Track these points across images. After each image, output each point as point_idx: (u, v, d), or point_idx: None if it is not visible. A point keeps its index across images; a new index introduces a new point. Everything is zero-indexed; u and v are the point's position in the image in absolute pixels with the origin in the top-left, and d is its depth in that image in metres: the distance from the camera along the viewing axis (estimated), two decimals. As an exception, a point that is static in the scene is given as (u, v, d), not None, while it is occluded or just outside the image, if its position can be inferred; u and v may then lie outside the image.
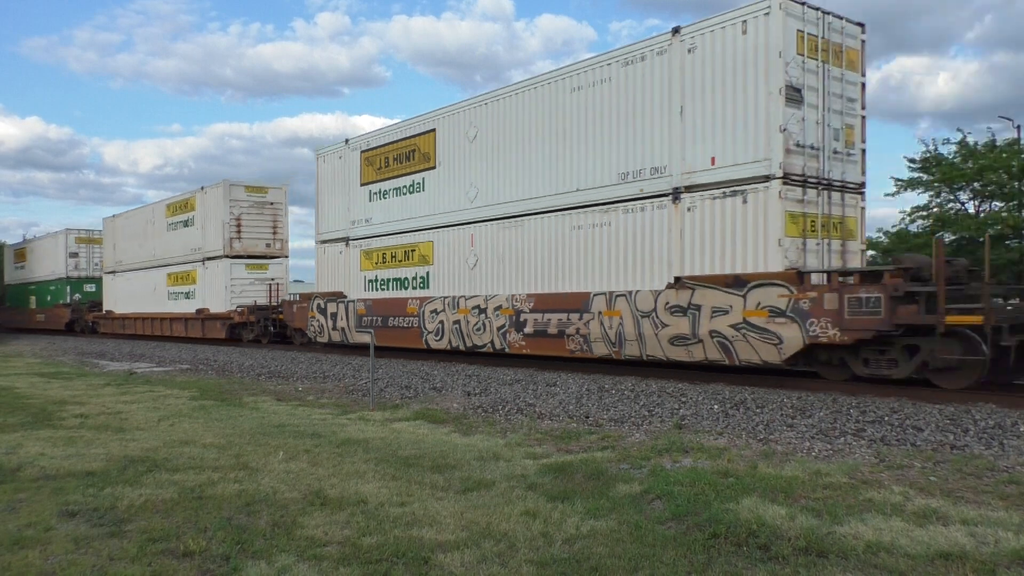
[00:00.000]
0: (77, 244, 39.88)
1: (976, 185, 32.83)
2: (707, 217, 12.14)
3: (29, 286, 44.76)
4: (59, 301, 40.24)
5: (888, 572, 4.23)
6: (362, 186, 20.07)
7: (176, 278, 29.52)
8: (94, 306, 37.74)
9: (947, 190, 34.03)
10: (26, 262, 45.61)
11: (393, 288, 19.00)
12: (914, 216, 34.78)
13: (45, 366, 20.55)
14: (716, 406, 9.72)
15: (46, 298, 41.92)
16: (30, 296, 44.55)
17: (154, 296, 31.06)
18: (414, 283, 18.32)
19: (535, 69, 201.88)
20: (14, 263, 48.19)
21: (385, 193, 19.32)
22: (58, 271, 40.45)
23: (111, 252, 35.49)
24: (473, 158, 16.59)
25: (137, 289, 32.75)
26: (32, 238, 47.40)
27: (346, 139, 20.84)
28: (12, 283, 48.27)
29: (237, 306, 25.89)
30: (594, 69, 13.94)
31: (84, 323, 38.17)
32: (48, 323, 41.26)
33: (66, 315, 38.99)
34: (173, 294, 29.76)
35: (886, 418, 8.46)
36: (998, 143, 32.04)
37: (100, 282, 37.66)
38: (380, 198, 19.48)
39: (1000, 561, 4.31)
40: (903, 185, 34.87)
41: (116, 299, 34.94)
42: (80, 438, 8.75)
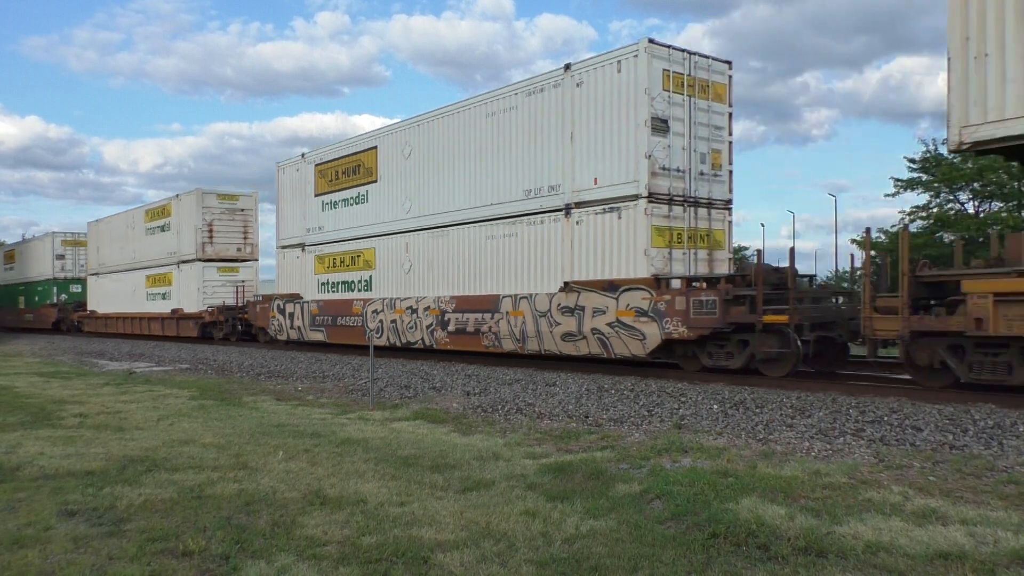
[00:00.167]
0: (63, 247, 41.41)
1: (976, 185, 32.86)
2: (591, 230, 13.93)
3: (18, 287, 46.09)
4: (46, 301, 41.67)
5: (887, 572, 4.23)
6: (316, 197, 21.82)
7: (154, 280, 31.10)
8: (79, 306, 39.08)
9: (947, 190, 34.07)
10: (15, 263, 47.18)
11: (342, 290, 20.72)
12: (913, 216, 34.84)
13: (44, 365, 20.55)
14: (715, 406, 9.72)
15: (34, 298, 43.58)
16: (19, 296, 45.94)
17: (134, 297, 32.61)
18: (359, 286, 20.07)
19: (535, 69, 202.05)
20: (3, 264, 49.68)
21: (335, 204, 21.07)
22: (45, 272, 41.90)
23: (95, 255, 37.05)
24: (408, 174, 18.39)
25: (118, 290, 34.17)
26: (22, 240, 49.20)
27: (302, 153, 22.56)
28: (2, 284, 49.63)
29: (208, 306, 27.49)
30: (505, 98, 15.69)
31: (70, 322, 39.42)
32: (36, 322, 42.62)
33: (53, 315, 40.34)
34: (151, 295, 31.29)
35: (885, 418, 8.46)
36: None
37: (85, 283, 39.03)
38: (331, 208, 21.24)
39: (999, 561, 4.31)
40: (903, 185, 34.92)
41: (99, 299, 36.41)
42: (79, 437, 8.75)
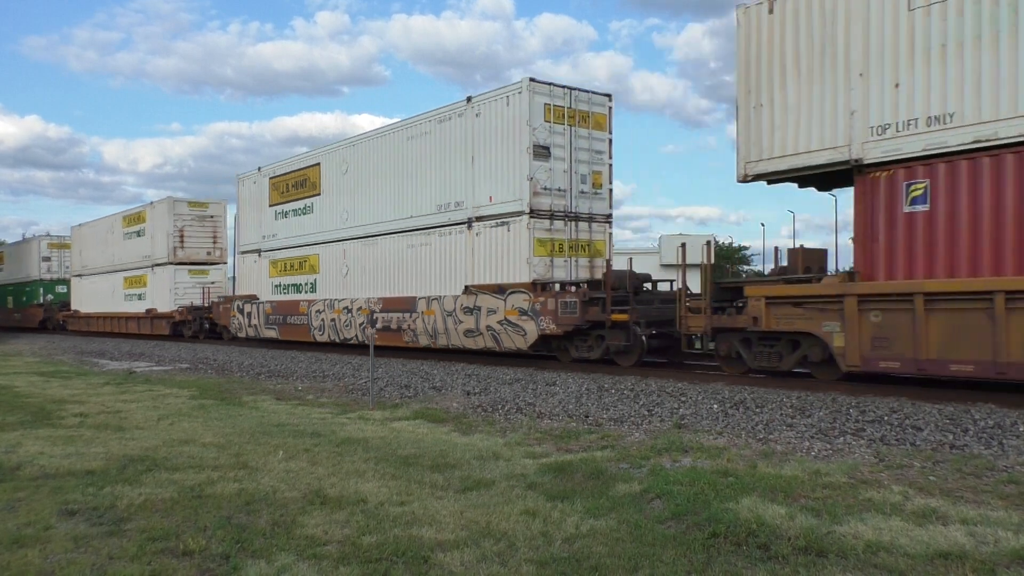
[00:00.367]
0: (50, 249, 43.39)
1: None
2: (487, 241, 16.06)
3: (7, 287, 47.93)
4: (33, 301, 43.69)
5: (888, 571, 4.23)
6: (270, 207, 24.08)
7: (130, 281, 33.17)
8: (64, 306, 40.85)
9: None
10: (4, 265, 49.14)
11: (291, 292, 22.97)
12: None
13: (44, 365, 20.55)
14: (716, 406, 9.72)
15: (22, 299, 45.74)
16: (8, 296, 47.92)
17: (113, 297, 34.62)
18: (306, 288, 22.29)
19: (535, 69, 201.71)
20: None
21: (286, 213, 23.38)
22: (32, 274, 43.90)
23: (78, 257, 39.01)
24: (345, 188, 20.61)
25: (99, 291, 36.13)
26: (13, 242, 51.49)
27: (259, 167, 24.72)
28: None
29: (179, 306, 29.68)
30: (421, 124, 17.92)
31: (55, 321, 41.25)
32: (24, 322, 44.56)
33: (40, 314, 42.38)
34: (128, 295, 33.35)
35: (885, 418, 8.46)
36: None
37: (70, 284, 40.84)
38: (283, 217, 23.53)
39: (999, 561, 4.31)
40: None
41: (82, 299, 38.19)
42: (79, 437, 8.75)
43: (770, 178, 11.82)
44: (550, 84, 15.36)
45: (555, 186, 15.42)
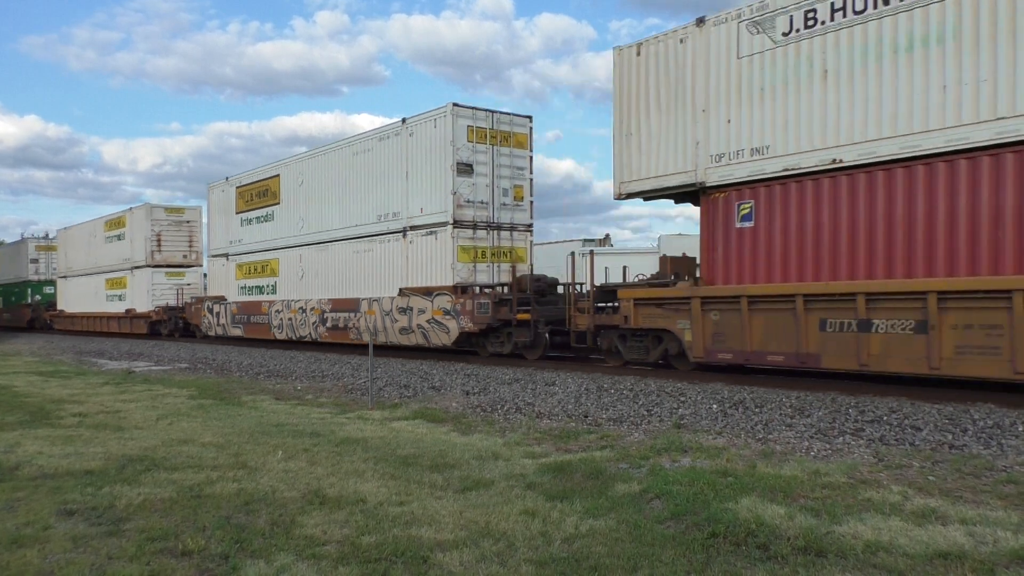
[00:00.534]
0: (37, 251, 45.18)
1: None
2: (419, 248, 17.99)
3: None
4: (22, 301, 45.66)
5: (887, 571, 4.23)
6: (236, 214, 25.91)
7: (112, 283, 34.82)
8: (51, 306, 42.57)
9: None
10: None
11: (255, 293, 24.84)
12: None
13: (43, 365, 20.53)
14: (715, 406, 9.72)
15: (11, 299, 47.41)
16: None
17: (96, 298, 36.23)
18: (267, 290, 24.20)
19: (535, 68, 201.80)
20: None
21: (250, 220, 25.20)
22: (22, 275, 45.78)
23: (63, 259, 40.66)
24: (301, 198, 22.47)
25: (83, 291, 37.81)
26: (2, 245, 53.20)
27: (226, 177, 26.82)
28: None
29: (156, 306, 31.29)
30: (365, 141, 19.77)
31: (42, 321, 43.07)
32: (13, 321, 46.36)
33: (28, 314, 44.43)
34: (109, 296, 34.97)
35: (885, 418, 8.47)
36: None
37: (56, 285, 42.47)
38: (248, 224, 25.34)
39: (999, 561, 4.31)
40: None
41: (67, 300, 39.85)
42: (78, 437, 8.74)
43: (641, 195, 13.62)
44: (473, 108, 17.18)
45: (478, 199, 17.30)
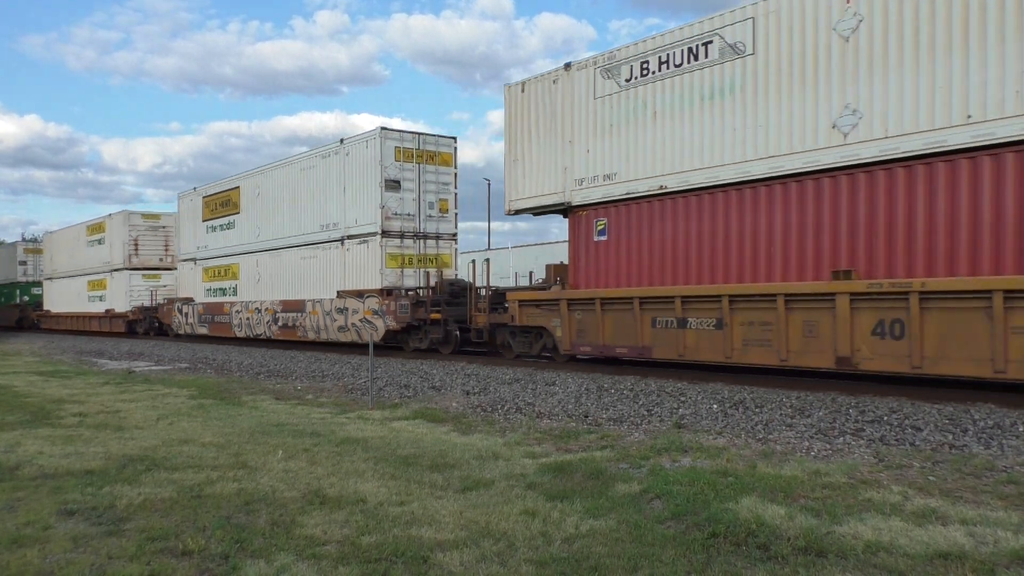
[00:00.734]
0: (26, 254, 47.63)
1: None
2: (353, 255, 20.23)
3: None
4: (11, 302, 47.86)
5: (887, 572, 4.23)
6: (203, 222, 28.20)
7: (93, 284, 36.78)
8: (37, 306, 44.71)
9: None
10: None
11: (218, 295, 27.09)
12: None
13: (43, 365, 20.54)
14: (715, 406, 9.72)
15: (0, 299, 49.21)
16: None
17: (78, 298, 38.29)
18: (229, 292, 26.45)
19: (535, 68, 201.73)
20: None
21: (215, 228, 27.38)
22: (11, 276, 47.95)
23: (49, 262, 42.69)
24: (257, 208, 24.65)
25: (67, 292, 39.88)
26: None
27: (194, 187, 29.12)
28: None
29: (133, 307, 33.29)
30: (311, 158, 22.09)
31: (30, 320, 45.32)
32: (2, 320, 48.00)
33: (16, 313, 46.72)
34: (91, 297, 36.95)
35: (885, 418, 8.46)
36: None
37: (43, 286, 44.38)
38: (213, 231, 27.54)
39: (999, 561, 4.31)
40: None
41: (53, 300, 41.93)
42: (79, 437, 8.74)
43: (528, 211, 15.68)
44: (400, 131, 19.59)
45: (405, 212, 19.64)
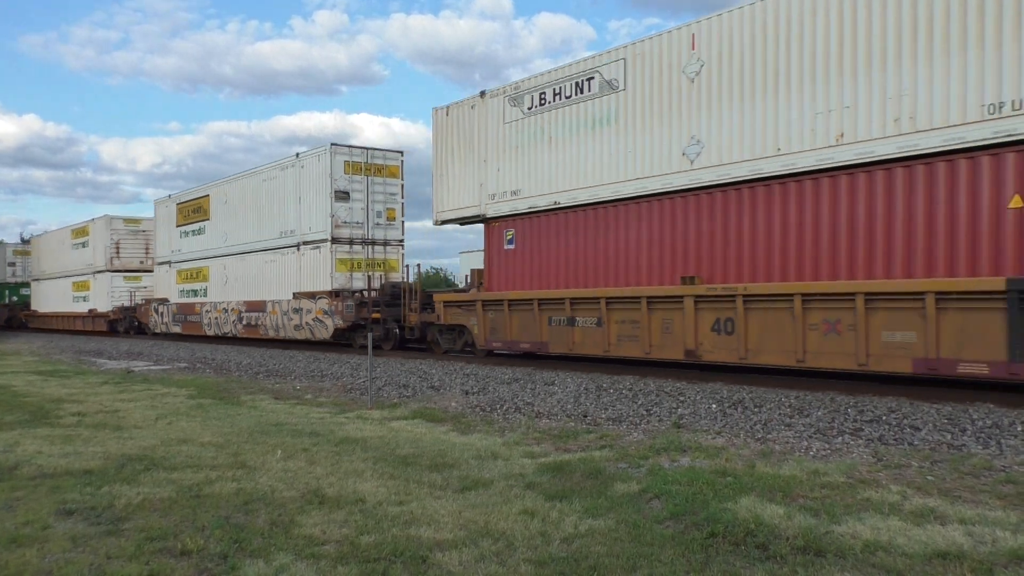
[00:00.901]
0: (15, 255, 49.30)
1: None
2: (308, 260, 22.07)
3: None
4: (1, 302, 49.20)
5: (886, 571, 4.23)
6: (177, 227, 30.10)
7: (77, 285, 38.55)
8: (26, 306, 46.80)
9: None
10: None
11: (190, 296, 29.03)
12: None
13: (42, 364, 20.53)
14: (714, 405, 9.72)
15: None
16: None
17: (63, 299, 40.22)
18: (200, 293, 28.40)
19: (533, 68, 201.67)
20: None
21: (188, 233, 29.30)
22: (0, 277, 49.48)
23: (37, 263, 44.88)
24: (225, 215, 26.53)
25: (53, 293, 41.84)
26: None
27: (169, 195, 30.96)
28: None
29: (114, 307, 35.03)
30: (271, 170, 23.91)
31: (18, 320, 47.10)
32: None
33: (5, 313, 48.28)
34: (75, 297, 38.71)
35: (884, 417, 8.47)
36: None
37: (31, 287, 46.55)
38: (185, 236, 29.47)
39: (998, 560, 4.32)
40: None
41: (40, 301, 44.14)
42: (77, 436, 8.74)
43: (453, 222, 17.53)
44: (350, 147, 21.50)
45: (354, 220, 21.45)
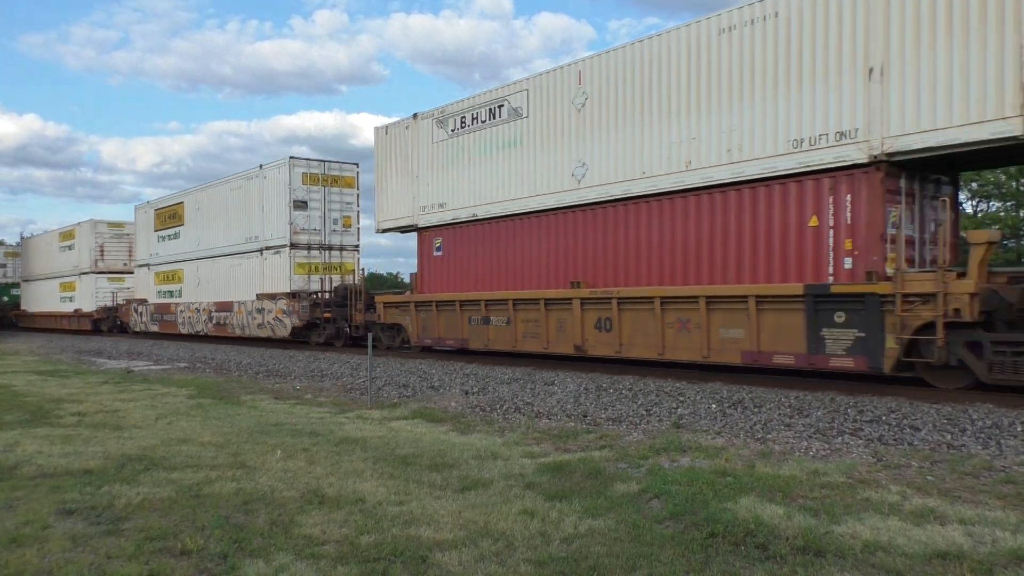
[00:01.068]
0: (6, 257, 50.65)
1: (974, 185, 32.86)
2: (270, 263, 24.09)
3: None
4: None
5: (885, 571, 4.24)
6: (155, 232, 32.09)
7: (64, 286, 40.30)
8: (16, 306, 48.21)
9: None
10: None
11: (167, 297, 31.06)
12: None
13: (42, 364, 20.52)
14: (714, 406, 9.72)
15: None
16: None
17: (51, 299, 42.12)
18: (175, 294, 30.42)
19: (533, 67, 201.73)
20: None
21: (164, 238, 31.34)
22: None
23: (27, 265, 46.58)
24: (198, 221, 28.57)
25: (42, 293, 43.75)
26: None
27: (147, 201, 33.28)
28: None
29: (98, 307, 36.68)
30: (238, 180, 25.99)
31: (9, 320, 48.15)
32: None
33: None
34: (62, 298, 40.51)
35: (883, 418, 8.47)
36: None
37: (21, 287, 48.06)
38: (162, 240, 31.52)
39: (997, 560, 4.32)
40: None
41: (29, 301, 45.99)
42: (77, 436, 8.74)
43: (393, 231, 19.59)
44: (308, 159, 23.49)
45: (312, 227, 23.56)
